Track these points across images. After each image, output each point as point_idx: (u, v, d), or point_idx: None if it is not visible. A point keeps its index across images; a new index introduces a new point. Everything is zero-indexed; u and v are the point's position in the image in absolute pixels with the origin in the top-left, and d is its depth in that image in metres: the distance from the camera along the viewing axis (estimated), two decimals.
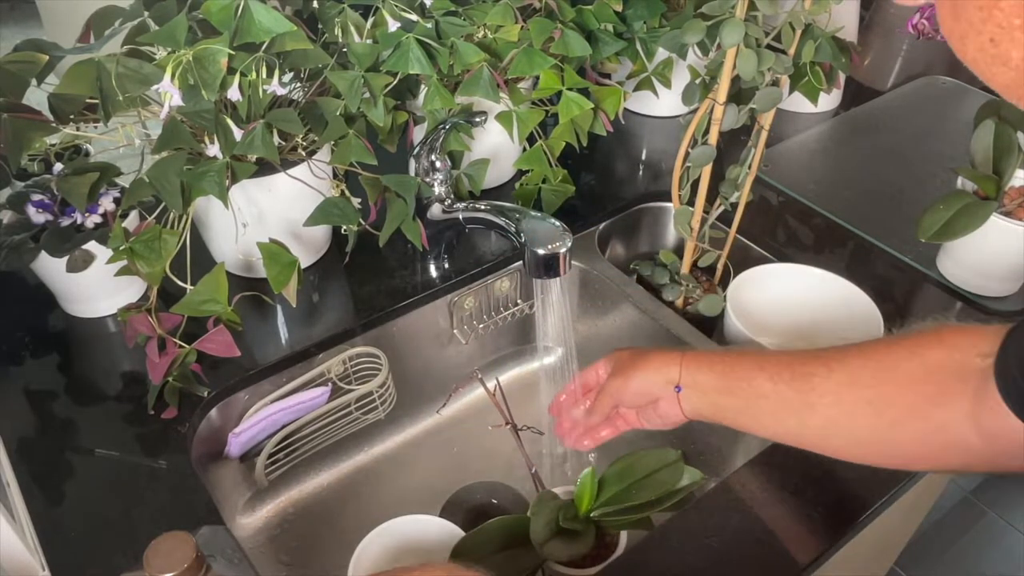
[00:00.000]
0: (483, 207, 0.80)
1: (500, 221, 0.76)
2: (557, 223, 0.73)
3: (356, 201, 0.82)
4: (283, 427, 0.80)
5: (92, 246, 0.74)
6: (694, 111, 0.81)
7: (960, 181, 0.86)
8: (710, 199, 0.87)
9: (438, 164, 0.83)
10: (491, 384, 0.75)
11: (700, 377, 0.62)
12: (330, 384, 0.82)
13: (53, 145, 0.79)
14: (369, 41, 0.78)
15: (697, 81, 0.81)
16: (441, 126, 0.82)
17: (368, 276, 0.88)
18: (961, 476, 1.77)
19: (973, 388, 0.48)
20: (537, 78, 0.88)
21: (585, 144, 0.93)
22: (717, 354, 0.63)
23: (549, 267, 0.71)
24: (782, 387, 0.56)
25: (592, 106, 0.88)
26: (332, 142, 0.79)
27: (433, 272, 0.89)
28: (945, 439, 0.50)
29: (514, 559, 0.64)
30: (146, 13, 0.71)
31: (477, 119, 0.81)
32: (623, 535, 0.68)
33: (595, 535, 0.65)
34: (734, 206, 0.87)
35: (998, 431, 0.47)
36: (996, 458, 0.49)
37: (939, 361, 0.51)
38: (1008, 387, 0.45)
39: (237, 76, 0.67)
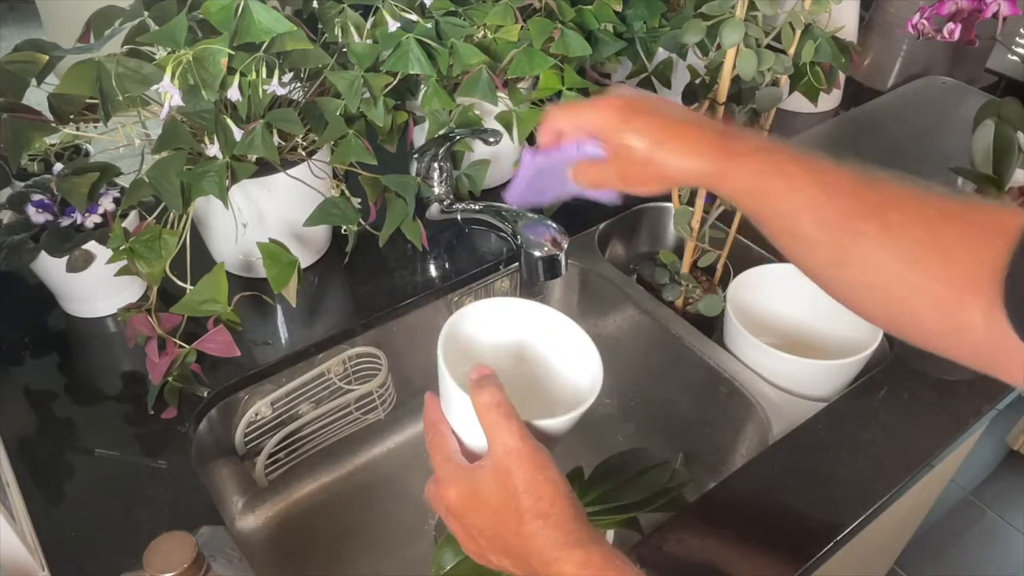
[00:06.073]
0: (479, 208, 0.80)
1: (496, 223, 0.76)
2: (553, 225, 0.73)
3: (356, 201, 0.82)
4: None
5: (92, 246, 0.74)
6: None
7: (960, 181, 0.86)
8: (710, 199, 0.87)
9: (438, 164, 0.83)
10: None
11: (732, 187, 0.52)
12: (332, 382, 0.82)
13: (53, 145, 0.79)
14: (369, 41, 0.78)
15: (697, 81, 0.81)
16: (448, 141, 0.81)
17: (368, 276, 0.88)
18: (961, 476, 1.77)
19: (988, 296, 0.44)
20: (537, 78, 0.88)
21: None
22: (760, 164, 0.50)
23: (546, 269, 0.71)
24: (824, 235, 0.49)
25: None
26: (332, 142, 0.79)
27: (433, 272, 0.89)
28: (958, 336, 0.46)
29: None
30: (146, 13, 0.71)
31: (492, 139, 0.79)
32: (609, 534, 0.68)
33: None
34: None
35: (998, 339, 0.44)
36: (994, 366, 0.46)
37: (977, 257, 0.45)
38: (1014, 308, 0.42)
39: (237, 76, 0.67)
